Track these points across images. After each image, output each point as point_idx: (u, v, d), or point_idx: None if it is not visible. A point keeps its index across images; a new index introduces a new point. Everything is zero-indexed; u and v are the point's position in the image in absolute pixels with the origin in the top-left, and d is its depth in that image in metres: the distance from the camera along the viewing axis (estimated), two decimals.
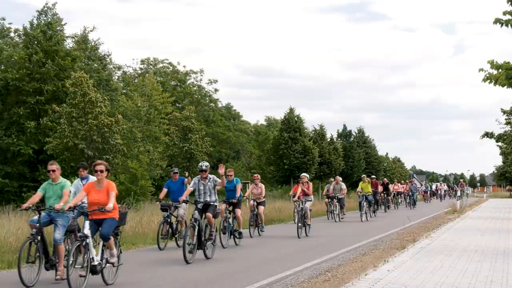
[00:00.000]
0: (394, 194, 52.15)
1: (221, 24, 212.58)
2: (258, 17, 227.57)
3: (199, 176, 18.15)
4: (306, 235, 24.25)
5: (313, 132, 65.97)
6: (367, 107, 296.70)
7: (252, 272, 15.04)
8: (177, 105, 70.25)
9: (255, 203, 25.36)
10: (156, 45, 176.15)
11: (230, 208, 22.11)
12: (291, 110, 59.37)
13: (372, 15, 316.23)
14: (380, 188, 44.94)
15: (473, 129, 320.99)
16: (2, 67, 44.92)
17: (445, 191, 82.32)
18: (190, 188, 18.31)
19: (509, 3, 18.08)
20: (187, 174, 24.66)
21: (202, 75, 77.39)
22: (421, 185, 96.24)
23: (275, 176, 59.01)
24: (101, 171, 12.88)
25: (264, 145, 78.56)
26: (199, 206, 17.71)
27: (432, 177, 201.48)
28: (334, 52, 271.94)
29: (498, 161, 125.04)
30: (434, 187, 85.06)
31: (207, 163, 18.47)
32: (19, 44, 47.76)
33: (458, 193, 56.57)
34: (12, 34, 49.64)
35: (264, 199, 25.74)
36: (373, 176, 41.81)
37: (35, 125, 42.53)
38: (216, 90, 77.86)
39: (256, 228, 25.19)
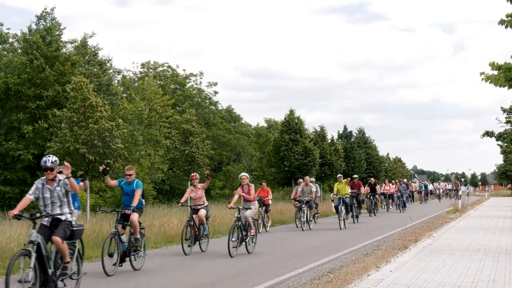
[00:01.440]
0: (386, 195, 49.55)
1: (220, 26, 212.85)
2: (257, 19, 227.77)
3: (44, 178, 12.42)
4: (248, 251, 19.47)
5: (313, 134, 65.95)
6: (368, 107, 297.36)
7: (253, 274, 15.03)
8: (177, 108, 70.26)
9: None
10: (155, 49, 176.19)
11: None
12: (291, 111, 59.35)
13: (371, 15, 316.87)
14: (365, 190, 42.99)
15: (473, 128, 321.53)
16: (2, 73, 44.86)
17: (443, 190, 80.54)
18: (30, 197, 12.20)
19: (509, 1, 18.10)
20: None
21: (201, 78, 77.45)
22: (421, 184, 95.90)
23: (276, 178, 58.96)
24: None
25: (264, 147, 78.53)
26: (45, 222, 12.04)
27: (433, 176, 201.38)
28: (333, 53, 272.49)
29: (499, 159, 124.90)
30: (431, 186, 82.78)
31: (55, 158, 12.53)
32: (17, 49, 47.75)
33: (460, 193, 56.36)
34: (10, 40, 49.62)
35: (204, 204, 20.55)
36: (355, 176, 37.72)
37: (33, 129, 42.52)
38: (216, 92, 77.90)
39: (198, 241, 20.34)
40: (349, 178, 34.39)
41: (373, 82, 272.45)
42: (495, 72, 18.19)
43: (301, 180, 32.45)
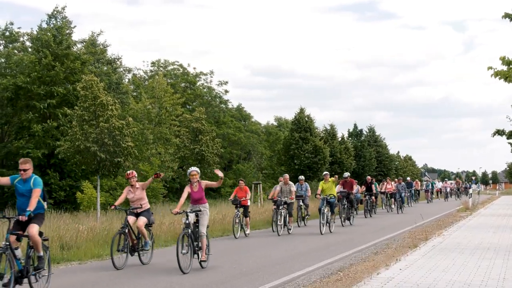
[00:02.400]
0: (387, 194, 45.09)
1: (230, 25, 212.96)
2: (267, 17, 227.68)
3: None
4: (202, 266, 16.06)
5: (324, 132, 65.94)
6: (378, 106, 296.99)
7: (262, 272, 15.03)
8: (187, 107, 70.34)
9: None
10: (165, 48, 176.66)
11: None
12: (302, 110, 59.34)
13: (381, 14, 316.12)
14: (361, 189, 40.94)
15: (484, 127, 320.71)
16: (12, 72, 45.04)
17: (451, 189, 74.79)
18: None
19: None
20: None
21: (212, 77, 77.49)
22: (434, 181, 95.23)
23: None
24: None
25: (275, 145, 78.52)
26: None
27: (444, 175, 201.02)
28: (344, 52, 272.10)
29: (510, 158, 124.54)
30: (440, 185, 77.27)
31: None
32: (28, 48, 47.92)
33: (470, 191, 55.77)
34: (21, 39, 49.79)
35: (145, 207, 17.64)
36: (347, 174, 33.75)
37: (42, 128, 42.66)
38: (226, 91, 77.94)
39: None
40: (336, 176, 30.04)
41: (383, 81, 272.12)
42: (505, 68, 18.08)
43: (281, 177, 29.46)
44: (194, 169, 16.69)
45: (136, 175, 17.96)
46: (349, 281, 13.14)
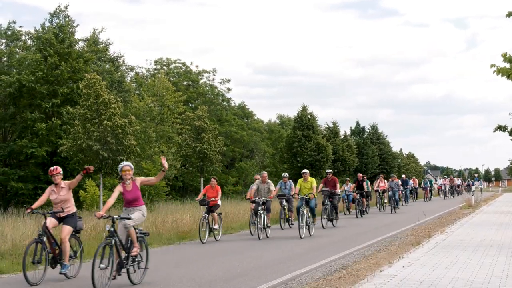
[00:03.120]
0: (380, 192, 42.20)
1: (232, 23, 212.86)
2: (269, 15, 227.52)
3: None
4: (132, 282, 13.56)
5: (326, 130, 65.90)
6: (380, 103, 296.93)
7: (266, 271, 15.04)
8: (189, 105, 70.33)
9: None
10: (167, 46, 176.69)
11: None
12: (304, 108, 59.30)
13: (383, 11, 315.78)
14: (352, 186, 38.98)
15: (486, 124, 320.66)
16: (15, 70, 45.07)
17: (450, 187, 70.84)
18: None
19: None
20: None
21: (214, 75, 77.46)
22: (435, 180, 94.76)
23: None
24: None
25: (277, 143, 78.46)
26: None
27: (446, 172, 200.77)
28: (345, 49, 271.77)
29: None
30: (440, 182, 74.09)
31: None
32: (31, 47, 47.93)
33: (473, 188, 55.53)
34: (23, 37, 49.82)
35: (70, 211, 14.91)
36: (329, 171, 30.68)
37: (46, 126, 42.71)
38: (228, 89, 77.89)
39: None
40: (303, 172, 26.21)
41: (385, 78, 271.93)
42: (507, 65, 18.05)
43: (257, 175, 27.08)
44: (126, 164, 13.96)
45: (61, 172, 15.01)
46: (352, 279, 13.16)
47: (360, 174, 39.73)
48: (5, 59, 47.27)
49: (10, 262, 16.21)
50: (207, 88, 76.14)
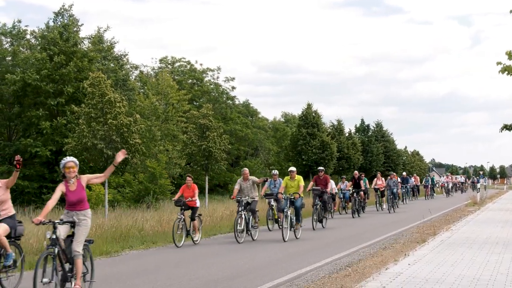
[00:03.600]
0: (378, 190, 40.17)
1: (236, 21, 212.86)
2: (274, 13, 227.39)
3: None
4: None
5: (331, 127, 65.88)
6: (384, 101, 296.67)
7: (271, 268, 15.04)
8: (194, 103, 70.37)
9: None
10: (170, 45, 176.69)
11: None
12: (309, 105, 59.34)
13: (388, 8, 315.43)
14: (347, 185, 37.14)
15: (491, 121, 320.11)
16: (19, 69, 45.11)
17: (453, 185, 69.68)
18: None
19: None
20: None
21: (219, 73, 77.48)
22: (440, 177, 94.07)
23: None
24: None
25: (282, 141, 78.51)
26: None
27: (451, 170, 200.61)
28: (350, 47, 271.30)
29: None
30: (443, 179, 71.42)
31: None
32: (35, 46, 47.97)
33: (478, 185, 55.35)
34: (28, 36, 49.86)
35: (8, 213, 13.30)
36: (321, 168, 28.89)
37: (50, 125, 42.76)
38: (233, 87, 77.92)
39: None
40: (289, 169, 23.93)
41: (390, 76, 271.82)
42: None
43: (244, 169, 23.80)
44: (70, 160, 11.86)
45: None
46: (358, 276, 13.14)
47: (356, 172, 38.25)
48: (10, 58, 47.30)
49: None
50: (212, 86, 76.17)
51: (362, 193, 36.16)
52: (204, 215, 26.92)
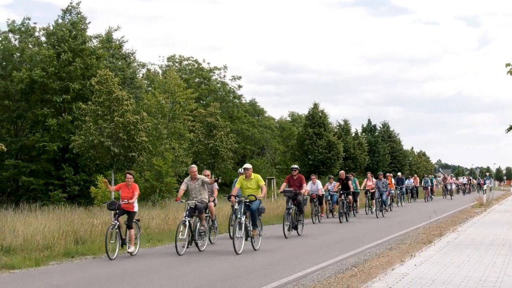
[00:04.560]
0: (368, 192, 37.12)
1: (242, 20, 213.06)
2: (280, 13, 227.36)
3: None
4: None
5: (337, 127, 65.89)
6: (390, 101, 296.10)
7: (277, 268, 15.02)
8: (201, 102, 70.40)
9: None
10: (177, 43, 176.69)
11: None
12: (315, 105, 59.37)
13: (394, 8, 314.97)
14: (335, 186, 32.77)
15: (498, 122, 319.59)
16: (26, 66, 45.18)
17: (457, 185, 67.91)
18: None
19: None
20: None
21: (225, 72, 77.48)
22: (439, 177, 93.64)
23: (300, 171, 58.91)
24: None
25: (288, 140, 78.52)
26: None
27: (458, 170, 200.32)
28: (356, 47, 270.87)
29: None
30: (441, 179, 68.64)
31: None
32: (43, 43, 48.03)
33: (485, 187, 55.04)
34: (36, 34, 49.91)
35: None
36: (295, 166, 25.25)
37: (57, 122, 42.82)
38: (239, 86, 77.91)
39: None
40: (244, 167, 20.14)
41: (396, 76, 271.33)
42: None
43: (194, 166, 20.01)
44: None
45: None
46: (364, 277, 13.12)
47: (342, 172, 33.60)
48: (18, 54, 47.38)
49: (22, 258, 16.25)
50: (219, 85, 76.20)
51: (350, 196, 32.36)
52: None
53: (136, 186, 18.41)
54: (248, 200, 18.79)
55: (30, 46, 48.13)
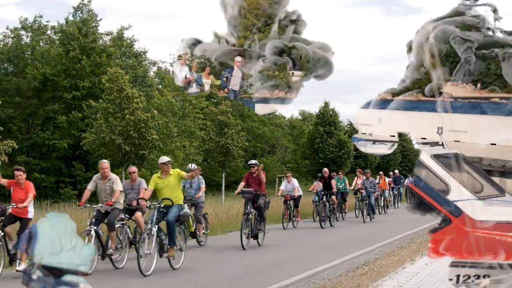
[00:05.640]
0: (358, 193, 31.36)
1: None
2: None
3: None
4: None
5: (348, 126, 65.74)
6: None
7: (286, 266, 15.01)
8: (212, 100, 70.41)
9: None
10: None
11: None
12: (326, 104, 59.22)
13: (407, 8, 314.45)
14: (315, 185, 28.76)
15: None
16: (39, 64, 45.32)
17: None
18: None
19: None
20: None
21: None
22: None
23: (310, 170, 58.87)
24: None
25: (299, 139, 78.34)
26: None
27: None
28: (368, 46, 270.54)
29: None
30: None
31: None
32: (55, 41, 48.15)
33: None
34: (48, 32, 50.05)
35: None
36: (253, 162, 20.50)
37: (67, 119, 42.94)
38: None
39: None
40: (161, 161, 15.45)
41: None
42: None
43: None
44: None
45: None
46: (375, 275, 13.10)
47: (326, 169, 29.26)
48: (29, 52, 47.53)
49: None
50: None
51: (333, 196, 28.21)
52: (221, 211, 26.89)
53: (31, 185, 14.44)
54: (162, 206, 14.37)
55: (41, 44, 48.28)
